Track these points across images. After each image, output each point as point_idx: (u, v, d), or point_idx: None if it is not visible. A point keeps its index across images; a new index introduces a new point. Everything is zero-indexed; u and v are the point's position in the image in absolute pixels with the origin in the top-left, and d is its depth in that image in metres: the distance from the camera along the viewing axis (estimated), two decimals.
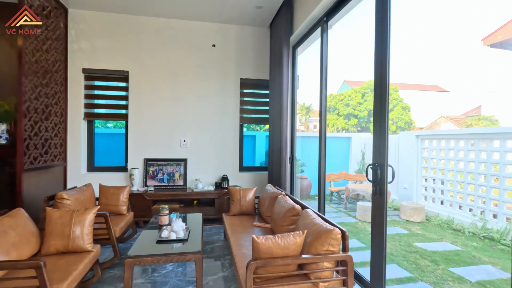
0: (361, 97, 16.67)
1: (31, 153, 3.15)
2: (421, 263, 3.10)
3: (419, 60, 23.96)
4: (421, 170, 5.44)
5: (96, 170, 4.17)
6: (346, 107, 16.89)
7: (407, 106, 15.07)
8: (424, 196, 5.38)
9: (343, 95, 17.25)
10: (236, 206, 3.23)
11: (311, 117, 21.27)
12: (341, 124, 16.56)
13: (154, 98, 4.17)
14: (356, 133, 8.68)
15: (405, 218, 4.85)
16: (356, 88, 17.28)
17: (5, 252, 1.73)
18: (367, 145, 7.09)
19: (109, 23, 4.02)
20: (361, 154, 7.10)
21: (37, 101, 3.25)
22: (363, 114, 16.37)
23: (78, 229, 2.10)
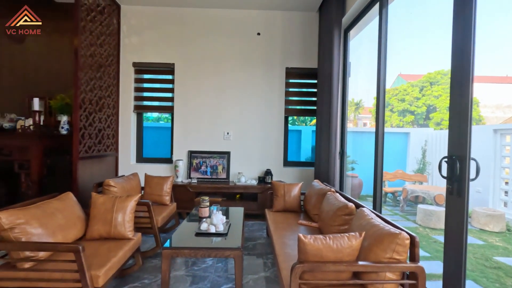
0: (419, 92, 15.14)
1: (86, 142, 3.32)
2: (508, 282, 2.52)
3: (491, 48, 20.85)
4: (500, 171, 4.58)
5: (144, 161, 4.30)
6: (401, 103, 15.49)
7: (475, 101, 13.23)
8: (504, 201, 4.53)
9: (398, 90, 15.85)
10: (279, 202, 3.00)
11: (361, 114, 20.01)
12: (395, 121, 15.24)
13: (199, 90, 4.14)
14: (415, 128, 7.80)
15: (478, 227, 4.12)
16: (413, 82, 15.75)
17: (51, 233, 1.75)
18: (429, 142, 6.28)
19: (156, 17, 4.10)
20: (422, 152, 6.31)
21: (92, 93, 3.42)
22: (420, 110, 14.84)
23: (120, 216, 2.08)
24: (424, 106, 14.73)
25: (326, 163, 3.49)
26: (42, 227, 1.72)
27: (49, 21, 4.01)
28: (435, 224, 4.20)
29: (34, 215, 1.72)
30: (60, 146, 3.64)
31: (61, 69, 3.98)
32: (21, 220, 1.63)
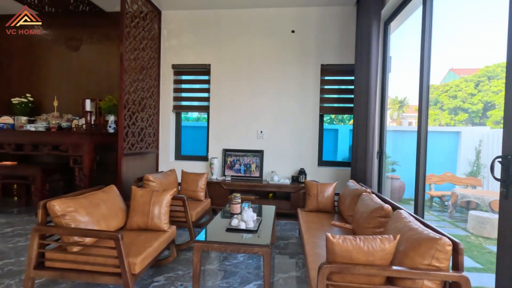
0: (474, 87, 13.73)
1: (129, 140, 3.57)
2: None
3: None
4: None
5: (182, 159, 4.50)
6: (453, 100, 14.18)
7: None
8: None
9: (449, 86, 14.54)
10: (312, 202, 2.94)
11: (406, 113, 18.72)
12: (444, 119, 14.00)
13: (233, 89, 4.22)
14: (468, 127, 7.08)
15: None
16: (467, 77, 14.33)
17: (96, 222, 1.91)
18: (485, 142, 5.65)
19: (193, 21, 4.26)
20: (475, 153, 5.71)
21: (135, 94, 3.67)
22: (476, 108, 13.43)
23: (157, 209, 2.20)
24: (481, 103, 13.31)
25: (363, 163, 3.33)
26: (88, 216, 1.89)
27: (100, 29, 4.40)
28: (490, 233, 3.77)
29: (82, 204, 1.90)
30: (108, 144, 3.97)
31: (110, 73, 4.33)
32: (71, 208, 1.81)
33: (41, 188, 3.65)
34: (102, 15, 4.37)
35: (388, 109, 4.63)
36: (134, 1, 3.58)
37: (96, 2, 4.07)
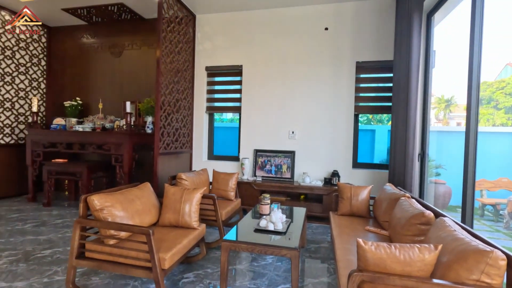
0: None
1: (165, 140, 3.72)
2: None
3: None
4: None
5: (214, 158, 4.59)
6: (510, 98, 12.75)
7: None
8: None
9: (505, 82, 13.10)
10: (345, 205, 2.80)
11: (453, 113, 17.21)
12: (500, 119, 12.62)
13: (265, 90, 4.20)
14: None
15: None
16: None
17: (130, 217, 2.01)
18: None
19: (226, 23, 4.33)
20: None
21: (170, 96, 3.82)
22: None
23: (187, 206, 2.25)
24: None
25: (402, 166, 3.11)
26: (124, 211, 1.99)
27: (140, 36, 4.67)
28: None
29: (118, 200, 2.00)
30: (146, 143, 4.18)
31: (148, 76, 4.57)
32: (108, 203, 1.92)
33: (87, 184, 3.96)
34: (142, 22, 4.63)
35: (433, 108, 4.27)
36: (171, 7, 3.74)
37: (137, 10, 4.32)
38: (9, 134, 4.56)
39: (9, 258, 2.44)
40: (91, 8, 4.29)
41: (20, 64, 4.68)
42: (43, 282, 2.07)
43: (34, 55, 4.90)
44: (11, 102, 4.57)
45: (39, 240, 2.86)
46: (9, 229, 3.14)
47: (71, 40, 5.02)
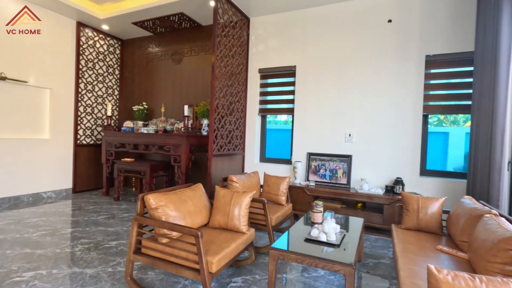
0: None
1: (218, 142, 3.81)
2: None
3: None
4: None
5: (266, 161, 4.55)
6: None
7: None
8: None
9: None
10: (411, 218, 2.46)
11: None
12: None
13: (319, 90, 4.01)
14: None
15: None
16: None
17: (182, 217, 2.06)
18: None
19: (280, 23, 4.26)
20: None
21: (224, 99, 3.90)
22: None
23: (236, 210, 2.23)
24: None
25: (485, 176, 2.62)
26: (177, 211, 2.05)
27: (198, 42, 4.90)
28: None
29: (172, 200, 2.08)
30: (202, 145, 4.35)
31: (205, 80, 4.77)
32: (162, 202, 2.00)
33: (149, 182, 4.28)
34: (200, 29, 4.85)
35: None
36: (225, 12, 3.82)
37: (195, 18, 4.54)
38: (89, 135, 5.23)
39: (83, 246, 2.75)
40: (156, 20, 4.65)
41: (99, 74, 5.33)
42: (107, 271, 2.26)
43: (110, 66, 5.54)
44: (91, 107, 5.23)
45: (108, 231, 3.18)
46: (86, 219, 3.57)
47: (139, 50, 5.54)
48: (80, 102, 5.03)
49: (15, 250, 2.59)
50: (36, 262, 2.39)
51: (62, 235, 3.03)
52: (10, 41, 4.06)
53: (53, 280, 2.11)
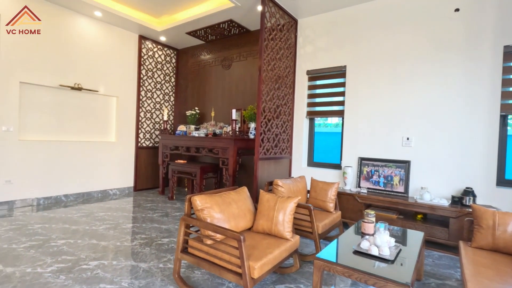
0: None
1: (265, 145, 3.80)
2: None
3: None
4: None
5: (314, 165, 4.40)
6: None
7: None
8: None
9: None
10: (484, 236, 2.11)
11: None
12: None
13: (372, 90, 3.74)
14: None
15: None
16: None
17: (226, 219, 2.09)
18: None
19: (329, 23, 4.10)
20: None
21: (271, 102, 3.89)
22: None
23: (281, 215, 2.17)
24: None
25: None
26: (221, 213, 2.08)
27: (246, 47, 4.99)
28: None
29: (217, 202, 2.12)
30: (249, 148, 4.40)
31: (253, 84, 4.83)
32: (208, 204, 2.05)
33: (200, 183, 4.48)
34: (248, 34, 4.94)
35: None
36: (273, 15, 3.82)
37: (243, 23, 4.63)
38: (148, 138, 5.69)
39: (140, 241, 2.97)
40: (207, 28, 4.88)
41: (157, 82, 5.78)
42: (159, 267, 2.40)
43: (167, 74, 5.97)
44: (150, 113, 5.70)
45: (161, 228, 3.39)
46: (143, 216, 3.87)
47: (192, 58, 5.87)
48: (141, 108, 5.51)
49: (84, 240, 2.92)
50: (100, 252, 2.65)
51: (122, 229, 3.32)
52: (86, 56, 4.65)
53: (112, 271, 2.31)
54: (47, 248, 2.68)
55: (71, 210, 4.01)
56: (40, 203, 4.23)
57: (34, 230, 3.13)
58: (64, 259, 2.47)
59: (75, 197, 4.63)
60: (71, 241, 2.88)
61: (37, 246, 2.73)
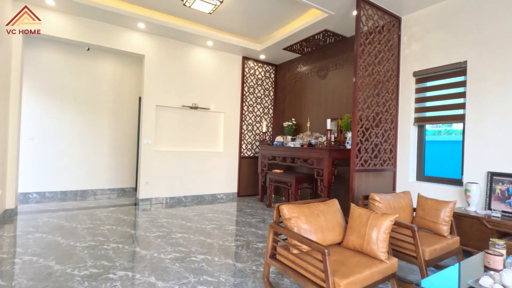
0: None
1: (362, 156, 3.56)
2: None
3: None
4: None
5: (425, 180, 3.79)
6: None
7: None
8: None
9: None
10: None
11: None
12: None
13: (505, 88, 2.97)
14: None
15: None
16: None
17: (313, 231, 2.07)
18: None
19: (441, 14, 3.53)
20: None
21: (368, 110, 3.62)
22: None
23: (374, 233, 1.99)
24: None
25: None
26: (308, 224, 2.08)
27: (342, 55, 4.85)
28: None
29: (304, 212, 2.13)
30: (345, 159, 4.20)
31: (349, 92, 4.62)
32: (295, 214, 2.09)
33: (295, 193, 4.55)
34: (344, 41, 4.79)
35: None
36: (370, 18, 3.60)
37: (339, 31, 4.53)
38: (250, 149, 6.20)
39: (238, 243, 3.27)
40: (302, 42, 5.00)
41: (257, 97, 6.27)
42: (252, 269, 2.58)
43: (266, 89, 6.40)
44: (251, 125, 6.21)
45: (257, 233, 3.62)
46: (243, 220, 4.22)
47: (289, 72, 6.10)
48: (244, 121, 6.08)
49: (195, 236, 3.43)
50: (207, 248, 3.06)
51: (225, 230, 3.72)
52: (200, 79, 5.53)
53: (214, 266, 2.63)
54: (168, 239, 3.29)
55: (188, 209, 4.77)
56: (167, 202, 5.21)
57: (161, 223, 3.90)
58: (179, 250, 2.98)
59: (192, 199, 5.48)
60: (186, 236, 3.44)
61: (162, 236, 3.39)
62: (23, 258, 2.63)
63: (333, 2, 3.67)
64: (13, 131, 3.99)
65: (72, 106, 5.49)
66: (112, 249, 2.93)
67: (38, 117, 5.19)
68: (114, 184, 5.94)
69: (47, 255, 2.70)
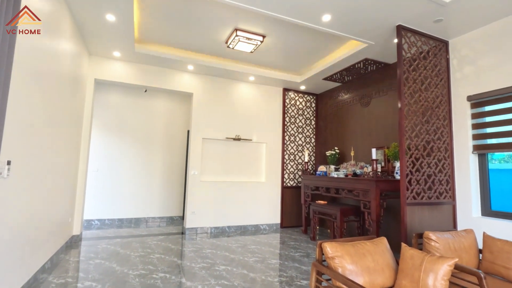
0: None
1: (413, 188, 3.30)
2: None
3: None
4: None
5: (493, 215, 3.34)
6: None
7: None
8: None
9: None
10: None
11: None
12: None
13: None
14: None
15: None
16: None
17: (359, 273, 1.94)
18: None
19: (493, 35, 3.30)
20: None
21: (417, 139, 3.41)
22: None
23: (430, 279, 1.80)
24: None
25: None
26: (353, 264, 1.97)
27: (386, 82, 4.73)
28: None
29: (348, 251, 2.03)
30: (395, 190, 3.94)
31: (395, 120, 4.42)
32: (339, 253, 2.00)
33: (340, 226, 4.33)
34: (386, 68, 4.68)
35: None
36: (413, 45, 3.52)
37: (380, 59, 4.46)
38: (292, 178, 6.15)
39: (281, 278, 3.17)
40: (343, 71, 5.02)
41: (299, 126, 6.32)
42: None
43: (307, 118, 6.43)
44: (293, 155, 6.21)
45: (301, 269, 3.48)
46: (286, 254, 4.11)
47: (330, 100, 6.09)
48: (285, 151, 6.12)
49: (238, 269, 3.43)
50: (249, 283, 3.03)
51: (268, 264, 3.66)
52: (242, 112, 5.79)
53: None
54: (212, 271, 3.34)
55: (231, 240, 4.81)
56: (212, 232, 5.33)
57: (206, 254, 3.98)
58: (222, 284, 2.99)
59: (235, 229, 5.53)
60: (229, 268, 3.45)
61: (207, 268, 3.45)
62: (85, 283, 2.88)
63: (372, 32, 3.68)
64: (83, 164, 4.57)
65: (130, 141, 6.12)
66: (161, 278, 3.06)
67: (102, 151, 5.88)
68: (163, 212, 6.30)
69: (104, 282, 2.92)
